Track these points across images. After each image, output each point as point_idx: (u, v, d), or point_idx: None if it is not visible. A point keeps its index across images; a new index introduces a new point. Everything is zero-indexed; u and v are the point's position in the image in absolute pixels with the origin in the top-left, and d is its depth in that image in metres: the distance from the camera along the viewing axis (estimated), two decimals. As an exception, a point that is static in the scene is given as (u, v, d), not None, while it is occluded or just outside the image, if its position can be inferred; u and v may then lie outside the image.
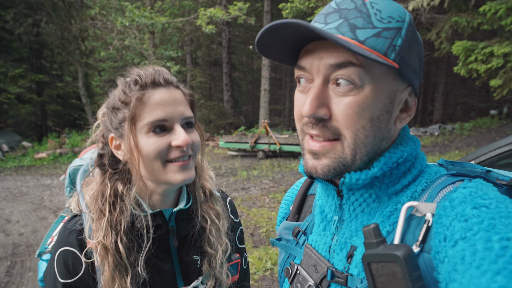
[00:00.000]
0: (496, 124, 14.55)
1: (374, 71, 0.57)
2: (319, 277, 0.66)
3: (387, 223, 0.61)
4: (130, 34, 16.57)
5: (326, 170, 0.60)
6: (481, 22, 9.88)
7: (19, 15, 17.16)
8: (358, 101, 0.56)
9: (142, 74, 0.88)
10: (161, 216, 0.92)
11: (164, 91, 0.86)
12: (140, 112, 0.84)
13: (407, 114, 0.64)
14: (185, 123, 0.89)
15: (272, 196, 6.76)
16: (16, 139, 17.04)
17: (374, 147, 0.60)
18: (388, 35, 0.56)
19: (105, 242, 0.84)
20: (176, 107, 0.86)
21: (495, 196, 0.52)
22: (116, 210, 0.88)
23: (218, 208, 1.03)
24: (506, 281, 0.41)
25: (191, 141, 0.86)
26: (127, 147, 0.86)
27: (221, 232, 1.01)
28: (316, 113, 0.58)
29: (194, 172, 0.89)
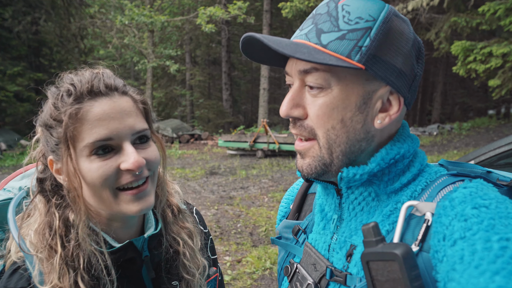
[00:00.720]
0: (494, 124, 14.59)
1: (340, 74, 0.58)
2: (318, 275, 0.66)
3: (387, 222, 0.61)
4: (130, 33, 16.54)
5: (309, 169, 0.63)
6: (480, 22, 9.90)
7: (17, 13, 17.10)
8: (327, 102, 0.59)
9: (77, 82, 0.70)
10: (132, 248, 0.77)
11: (106, 101, 0.69)
12: (78, 132, 0.68)
13: (387, 114, 0.61)
14: (137, 138, 0.73)
15: (271, 195, 6.76)
16: (14, 138, 17.00)
17: (351, 148, 0.61)
18: (353, 36, 0.57)
19: (62, 284, 0.68)
20: (123, 121, 0.70)
21: (495, 197, 0.52)
22: (70, 244, 0.71)
23: (189, 225, 0.90)
24: (505, 281, 0.41)
25: (144, 162, 0.71)
26: (65, 174, 0.70)
27: (196, 253, 0.89)
28: (290, 113, 0.62)
29: (153, 198, 0.75)
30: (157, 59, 15.93)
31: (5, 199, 0.82)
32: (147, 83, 17.51)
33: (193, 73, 22.92)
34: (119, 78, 0.77)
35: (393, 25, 0.58)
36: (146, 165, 0.72)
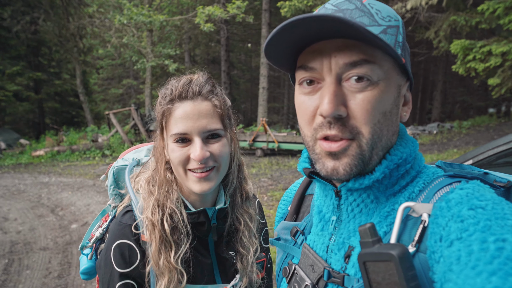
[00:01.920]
0: (494, 122, 14.60)
1: (384, 67, 0.59)
2: (316, 277, 0.66)
3: (384, 224, 0.61)
4: (128, 32, 16.50)
5: (349, 169, 0.59)
6: (480, 21, 9.89)
7: (16, 12, 17.07)
8: (375, 95, 0.57)
9: (173, 88, 0.94)
10: (204, 214, 0.99)
11: (188, 104, 0.91)
12: (168, 124, 0.94)
13: (408, 107, 0.67)
14: (209, 135, 0.93)
15: (271, 194, 6.77)
16: (13, 137, 16.99)
17: (387, 142, 0.62)
18: (392, 32, 0.59)
19: (153, 218, 0.93)
20: (198, 121, 0.90)
21: (492, 198, 0.52)
22: (163, 193, 0.97)
23: (252, 211, 1.10)
24: (501, 282, 0.41)
25: (207, 155, 0.90)
26: (157, 148, 0.99)
27: (252, 234, 1.08)
28: (338, 110, 0.56)
29: (214, 182, 0.94)
30: (156, 59, 15.91)
31: (122, 165, 1.14)
32: (146, 82, 17.51)
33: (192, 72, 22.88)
34: (208, 85, 0.96)
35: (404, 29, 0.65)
36: (211, 158, 0.92)
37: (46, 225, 5.70)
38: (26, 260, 4.41)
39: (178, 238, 0.94)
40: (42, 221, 5.88)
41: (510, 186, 0.61)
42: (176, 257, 0.92)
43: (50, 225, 5.66)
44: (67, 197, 7.38)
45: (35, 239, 5.11)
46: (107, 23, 17.69)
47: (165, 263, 0.90)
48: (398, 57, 0.57)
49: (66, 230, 5.38)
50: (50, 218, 6.05)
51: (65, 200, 7.15)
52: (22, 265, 4.26)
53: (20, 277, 3.96)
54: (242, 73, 29.43)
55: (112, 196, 1.16)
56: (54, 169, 11.44)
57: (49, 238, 5.13)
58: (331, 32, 0.55)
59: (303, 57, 0.61)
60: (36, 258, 4.44)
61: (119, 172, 1.15)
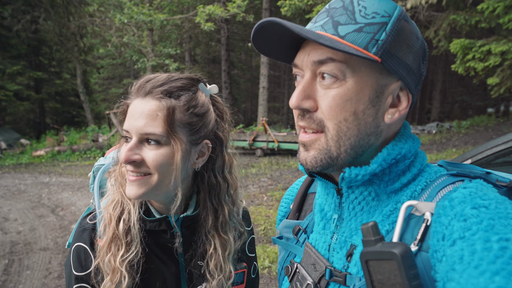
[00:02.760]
0: (493, 122, 14.60)
1: (356, 65, 0.58)
2: (318, 276, 0.66)
3: (387, 222, 0.61)
4: (129, 31, 16.49)
5: (314, 162, 0.62)
6: (479, 20, 9.88)
7: (17, 11, 17.05)
8: (341, 93, 0.58)
9: (135, 83, 0.90)
10: (166, 222, 0.94)
11: (139, 102, 0.85)
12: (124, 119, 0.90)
13: (397, 109, 0.62)
14: (146, 139, 0.84)
15: (270, 194, 6.77)
16: (14, 137, 16.99)
17: (360, 142, 0.61)
18: (370, 30, 0.58)
19: (112, 212, 0.91)
20: (137, 121, 0.83)
21: (495, 197, 0.52)
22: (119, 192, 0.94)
23: (227, 237, 0.98)
24: (504, 281, 0.41)
25: (135, 158, 0.82)
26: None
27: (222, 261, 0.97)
28: (301, 104, 0.61)
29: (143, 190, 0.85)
30: (157, 58, 15.90)
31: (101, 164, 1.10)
32: (147, 82, 17.44)
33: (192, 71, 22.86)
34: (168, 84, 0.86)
35: (405, 23, 0.60)
36: (143, 164, 0.84)
37: (47, 225, 5.70)
38: (26, 260, 4.41)
39: (131, 239, 0.90)
40: (43, 221, 5.88)
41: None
42: (124, 258, 0.88)
43: (50, 225, 5.66)
44: (67, 197, 7.38)
45: (35, 239, 5.11)
46: (108, 22, 17.67)
47: (111, 262, 0.87)
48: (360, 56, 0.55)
49: (66, 230, 5.38)
50: (51, 218, 6.05)
51: (66, 200, 7.14)
52: (22, 266, 4.26)
53: (20, 277, 3.96)
54: (242, 73, 29.42)
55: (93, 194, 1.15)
56: (54, 169, 11.44)
57: (50, 238, 5.13)
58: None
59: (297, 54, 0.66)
60: (36, 259, 4.44)
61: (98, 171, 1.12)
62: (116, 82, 28.10)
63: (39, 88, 21.03)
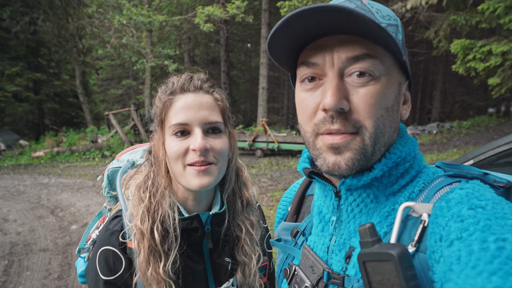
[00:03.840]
0: (494, 122, 14.61)
1: (386, 63, 0.59)
2: (316, 278, 0.66)
3: (385, 224, 0.61)
4: (128, 32, 16.50)
5: (351, 164, 0.58)
6: (480, 21, 9.89)
7: (15, 13, 17.05)
8: (378, 90, 0.57)
9: (175, 81, 0.93)
10: (198, 219, 0.95)
11: (190, 96, 0.89)
12: (167, 116, 0.90)
13: (407, 106, 0.67)
14: (210, 128, 0.89)
15: (271, 195, 6.76)
16: (13, 138, 16.98)
17: (389, 138, 0.62)
18: (392, 30, 0.60)
19: (142, 227, 0.89)
20: (199, 111, 0.87)
21: (492, 198, 0.52)
22: (155, 200, 0.92)
23: (253, 218, 1.05)
24: (502, 281, 0.41)
25: (208, 147, 0.86)
26: (156, 145, 0.94)
27: (254, 242, 1.04)
28: (340, 103, 0.56)
29: (214, 178, 0.88)
30: (156, 59, 15.91)
31: (116, 167, 1.11)
32: (146, 83, 17.50)
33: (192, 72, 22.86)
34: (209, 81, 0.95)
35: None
36: (212, 152, 0.88)
37: (46, 226, 5.69)
38: (26, 261, 4.40)
39: (168, 247, 0.90)
40: (42, 222, 5.87)
41: (510, 187, 0.61)
42: (166, 268, 0.89)
43: (50, 226, 5.66)
44: (66, 198, 7.38)
45: (35, 240, 5.11)
46: (107, 23, 17.69)
47: (153, 274, 0.87)
48: (399, 53, 0.57)
49: (66, 231, 5.38)
50: (50, 219, 6.04)
51: (65, 201, 7.14)
52: (22, 267, 4.25)
53: (20, 278, 3.96)
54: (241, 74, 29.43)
55: (107, 198, 1.14)
56: (53, 170, 11.43)
57: (49, 239, 5.12)
58: (336, 27, 0.56)
59: (305, 54, 0.62)
60: (36, 259, 4.43)
61: (114, 174, 1.11)
62: (115, 83, 28.11)
63: (38, 89, 21.03)
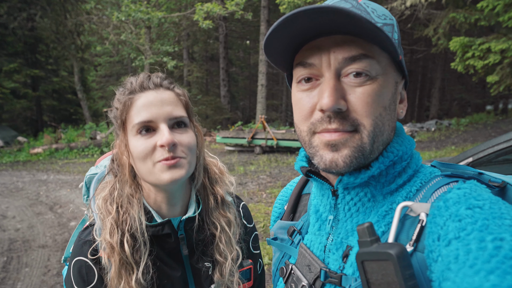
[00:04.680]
0: (492, 119, 14.64)
1: (382, 62, 0.59)
2: (313, 277, 0.66)
3: (382, 223, 0.61)
4: (126, 29, 16.42)
5: (348, 161, 0.58)
6: (479, 18, 9.88)
7: (13, 9, 16.93)
8: (375, 89, 0.58)
9: (133, 81, 0.90)
10: (169, 225, 0.92)
11: (151, 93, 0.87)
12: (128, 116, 0.87)
13: (403, 105, 0.68)
14: (175, 123, 0.87)
15: (269, 191, 6.78)
16: (11, 134, 16.93)
17: (387, 136, 0.62)
18: (388, 29, 0.60)
19: (111, 240, 0.86)
20: (162, 107, 0.85)
21: (489, 197, 0.53)
22: (122, 210, 0.90)
23: (230, 215, 1.02)
24: (499, 280, 0.42)
25: (176, 141, 0.84)
26: (118, 148, 0.91)
27: (231, 240, 1.00)
28: (338, 104, 0.56)
29: (184, 172, 0.86)
30: (155, 56, 15.85)
31: (93, 174, 1.07)
32: (145, 80, 17.39)
33: (190, 69, 22.83)
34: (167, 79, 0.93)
35: None
36: (180, 147, 0.86)
37: (45, 222, 5.69)
38: (25, 257, 4.41)
39: (139, 257, 0.87)
40: (41, 219, 5.87)
41: (504, 186, 0.61)
42: (137, 280, 0.86)
43: (48, 223, 5.66)
44: (65, 195, 7.37)
45: (33, 236, 5.11)
46: (105, 20, 17.58)
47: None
48: (396, 52, 0.58)
49: (64, 228, 5.38)
50: (49, 215, 6.04)
51: (64, 198, 7.14)
52: (21, 263, 4.26)
53: (19, 274, 3.96)
54: (240, 70, 29.36)
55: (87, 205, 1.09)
56: (52, 166, 11.41)
57: (48, 235, 5.13)
58: (332, 27, 0.55)
59: (301, 54, 0.62)
60: (35, 256, 4.44)
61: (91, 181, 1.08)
62: (114, 80, 28.01)
63: (36, 85, 20.93)
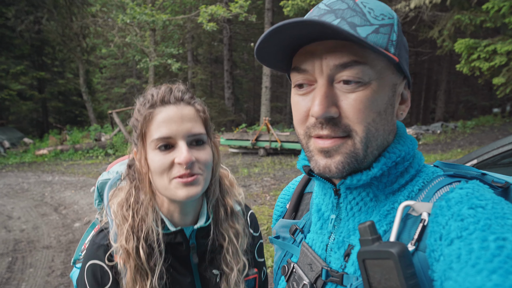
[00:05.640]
0: (499, 122, 14.51)
1: (377, 67, 0.58)
2: (314, 276, 0.66)
3: (384, 222, 0.61)
4: (131, 31, 16.55)
5: (341, 167, 0.59)
6: (484, 20, 9.82)
7: (20, 12, 17.15)
8: (367, 95, 0.57)
9: (154, 93, 0.90)
10: (182, 234, 0.94)
11: (172, 108, 0.87)
12: (148, 130, 0.88)
13: (405, 105, 0.67)
14: (193, 140, 0.88)
15: (273, 194, 6.77)
16: (17, 136, 17.10)
17: (383, 141, 0.62)
18: (385, 31, 0.59)
19: (127, 246, 0.88)
20: (182, 124, 0.86)
21: (491, 198, 0.52)
22: (138, 217, 0.91)
23: (238, 227, 1.03)
24: (502, 280, 0.41)
25: (194, 159, 0.85)
26: (138, 160, 0.92)
27: (238, 252, 1.01)
28: (328, 112, 0.57)
29: (200, 188, 0.88)
30: (159, 58, 15.96)
31: (106, 179, 1.08)
32: (149, 82, 17.55)
33: (195, 71, 22.94)
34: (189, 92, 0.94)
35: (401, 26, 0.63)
36: (197, 164, 0.87)
37: (49, 223, 5.73)
38: (29, 258, 4.44)
39: (154, 263, 0.90)
40: (46, 220, 5.92)
41: (507, 187, 0.61)
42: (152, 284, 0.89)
43: (53, 224, 5.70)
44: (70, 196, 7.42)
45: (38, 237, 5.15)
46: (110, 22, 17.76)
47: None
48: (389, 58, 0.57)
49: (69, 229, 5.41)
50: (53, 216, 6.08)
51: (68, 199, 7.19)
52: (25, 263, 4.29)
53: (23, 275, 3.99)
54: (244, 73, 29.45)
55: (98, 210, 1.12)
56: (57, 168, 11.50)
57: (52, 236, 5.16)
58: (321, 34, 0.55)
59: (297, 59, 0.62)
60: (39, 257, 4.47)
61: (103, 186, 1.09)
62: (119, 82, 28.22)
63: (42, 87, 21.16)
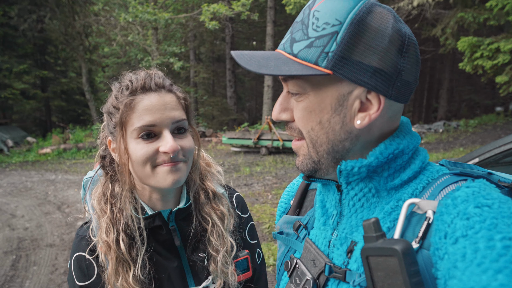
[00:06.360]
0: (502, 121, 14.42)
1: (313, 79, 0.60)
2: (317, 272, 0.67)
3: (388, 220, 0.61)
4: (134, 30, 16.57)
5: (302, 166, 0.68)
6: (488, 18, 9.75)
7: (23, 11, 17.20)
8: (305, 106, 0.63)
9: (133, 79, 0.88)
10: (160, 217, 0.93)
11: (154, 96, 0.86)
12: (129, 118, 0.85)
13: (367, 114, 0.60)
14: (175, 128, 0.88)
15: (275, 192, 6.77)
16: (21, 135, 17.18)
17: (334, 147, 0.63)
18: (320, 43, 0.57)
19: (107, 239, 0.88)
20: (165, 112, 0.85)
21: (498, 197, 0.52)
22: (116, 209, 0.91)
23: (222, 208, 1.02)
24: (507, 279, 0.41)
25: (179, 148, 0.86)
26: (118, 151, 0.88)
27: (223, 233, 1.00)
28: (279, 117, 0.67)
29: (184, 174, 0.88)
30: (161, 57, 15.96)
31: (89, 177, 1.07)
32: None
33: (197, 70, 22.94)
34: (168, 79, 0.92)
35: (363, 25, 0.56)
36: (181, 152, 0.87)
37: (53, 222, 5.76)
38: (33, 256, 4.46)
39: (136, 253, 0.89)
40: (49, 218, 5.95)
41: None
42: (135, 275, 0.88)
43: (56, 222, 5.73)
44: (73, 195, 7.46)
45: (42, 235, 5.18)
46: (113, 21, 17.76)
47: (123, 285, 0.86)
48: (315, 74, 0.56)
49: (72, 227, 5.44)
50: (57, 215, 6.11)
51: (71, 198, 7.22)
52: (29, 261, 4.32)
53: (27, 273, 4.01)
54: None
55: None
56: (60, 166, 11.55)
57: (56, 235, 5.19)
58: None
59: None
60: (43, 255, 4.49)
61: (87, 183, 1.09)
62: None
63: (45, 86, 21.23)
